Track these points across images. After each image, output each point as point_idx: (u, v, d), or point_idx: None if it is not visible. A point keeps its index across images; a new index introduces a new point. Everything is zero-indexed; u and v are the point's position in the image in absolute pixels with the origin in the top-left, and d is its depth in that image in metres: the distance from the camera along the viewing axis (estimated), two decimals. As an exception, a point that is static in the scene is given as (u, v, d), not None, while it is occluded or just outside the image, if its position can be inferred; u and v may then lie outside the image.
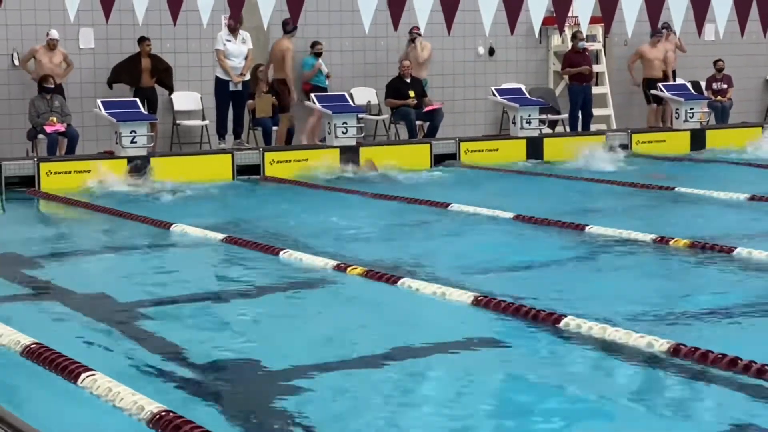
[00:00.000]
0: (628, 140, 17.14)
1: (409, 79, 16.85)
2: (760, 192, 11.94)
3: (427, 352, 6.22)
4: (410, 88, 16.84)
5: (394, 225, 10.84)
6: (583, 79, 17.89)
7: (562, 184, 13.94)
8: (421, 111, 16.82)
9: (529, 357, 6.22)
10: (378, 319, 7.12)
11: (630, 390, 5.66)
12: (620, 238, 9.49)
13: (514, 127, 16.87)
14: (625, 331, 6.26)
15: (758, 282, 7.87)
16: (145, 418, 4.87)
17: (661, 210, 11.55)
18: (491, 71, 18.42)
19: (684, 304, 7.25)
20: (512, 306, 6.90)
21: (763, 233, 9.66)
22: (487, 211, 11.13)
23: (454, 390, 5.61)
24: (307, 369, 5.85)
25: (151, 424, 4.82)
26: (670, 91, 18.01)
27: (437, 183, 14.60)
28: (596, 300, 7.38)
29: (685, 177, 13.80)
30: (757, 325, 6.78)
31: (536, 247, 9.26)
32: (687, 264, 8.63)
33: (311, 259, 8.72)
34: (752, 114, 20.22)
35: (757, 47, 19.30)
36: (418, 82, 16.97)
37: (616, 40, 18.83)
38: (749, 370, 5.53)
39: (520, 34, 17.18)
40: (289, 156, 15.30)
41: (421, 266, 8.53)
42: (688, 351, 5.85)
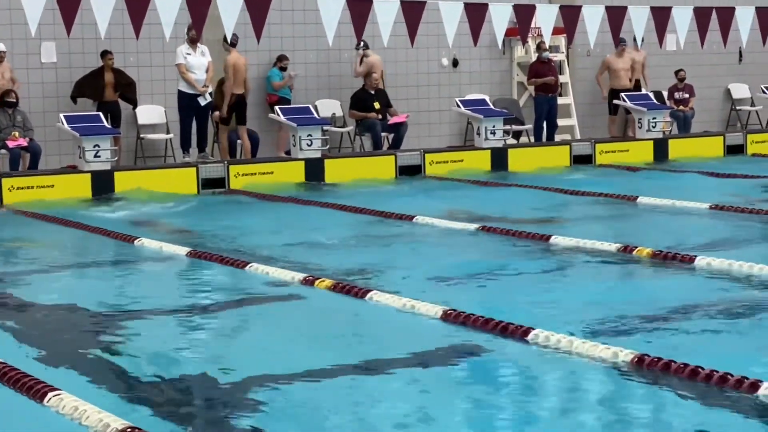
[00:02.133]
0: (592, 150, 17.26)
1: (374, 91, 16.92)
2: (721, 201, 12.06)
3: (396, 366, 6.24)
4: (375, 99, 16.90)
5: (360, 237, 10.86)
6: (549, 89, 18.02)
7: (527, 195, 14.01)
8: (386, 122, 16.88)
9: (498, 370, 6.25)
10: (346, 333, 7.13)
11: (596, 401, 5.71)
12: (584, 247, 9.57)
13: (478, 138, 16.96)
14: (592, 343, 6.31)
15: (719, 291, 7.95)
16: (112, 435, 4.89)
17: (624, 219, 11.64)
18: (455, 82, 18.51)
19: (647, 313, 7.30)
20: (481, 319, 6.94)
21: (723, 242, 9.75)
22: (453, 223, 11.19)
23: (423, 403, 5.64)
24: (274, 382, 5.86)
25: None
26: (633, 101, 18.16)
27: (402, 195, 14.64)
28: (562, 311, 7.44)
29: (648, 186, 13.90)
30: (719, 333, 6.85)
31: (502, 258, 9.30)
32: (650, 273, 8.71)
33: (278, 273, 8.74)
34: (714, 123, 20.41)
35: (718, 57, 19.51)
36: (383, 93, 17.04)
37: (579, 50, 18.97)
38: (711, 379, 5.59)
39: (484, 45, 17.30)
40: (254, 169, 15.31)
41: (389, 279, 8.56)
42: (652, 361, 5.92)
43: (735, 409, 5.31)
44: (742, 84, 20.72)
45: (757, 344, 6.63)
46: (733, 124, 20.49)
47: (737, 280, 8.19)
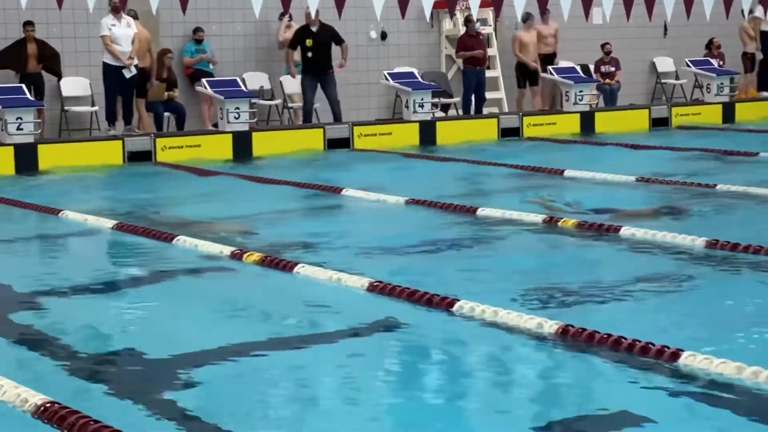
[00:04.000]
0: (519, 123, 17.36)
1: (316, 28, 16.61)
2: (646, 173, 12.21)
3: (323, 338, 6.25)
4: (312, 36, 16.66)
5: (288, 211, 10.83)
6: (477, 62, 18.07)
7: (455, 168, 14.07)
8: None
9: (424, 341, 6.29)
10: (274, 306, 7.11)
11: (521, 372, 5.76)
12: (511, 219, 9.63)
13: (407, 111, 16.97)
14: (517, 313, 6.37)
15: (644, 261, 8.05)
16: (30, 410, 4.83)
17: (551, 191, 11.72)
18: (383, 55, 18.49)
19: (573, 284, 7.37)
20: (407, 291, 6.97)
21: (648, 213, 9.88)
22: (381, 196, 11.20)
23: (350, 375, 5.66)
24: (200, 357, 5.84)
25: (36, 416, 4.79)
26: (560, 74, 18.29)
27: (331, 168, 14.63)
28: (488, 282, 7.50)
29: (574, 159, 14.02)
30: (643, 304, 6.95)
31: (429, 230, 9.34)
32: (575, 244, 8.79)
33: (206, 246, 8.69)
34: (639, 96, 20.63)
35: (643, 30, 19.70)
36: (324, 31, 16.74)
37: (507, 23, 19.05)
38: (633, 349, 5.68)
39: (412, 17, 17.30)
40: (181, 142, 15.20)
41: (316, 252, 8.56)
42: (576, 332, 5.99)
43: (656, 378, 5.38)
44: (666, 57, 20.95)
45: (679, 314, 6.73)
46: (658, 97, 20.72)
47: (661, 251, 8.30)
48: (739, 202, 10.50)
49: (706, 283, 7.48)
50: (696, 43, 20.48)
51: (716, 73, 19.35)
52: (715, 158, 14.07)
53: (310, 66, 16.56)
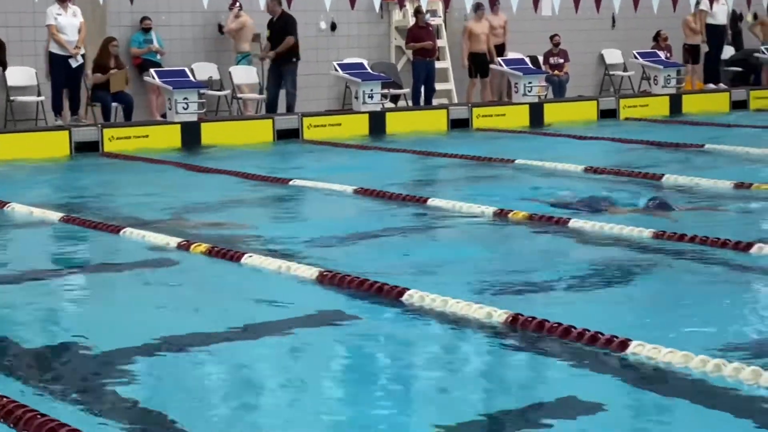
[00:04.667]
0: (469, 114, 17.39)
1: (274, 18, 16.65)
2: (595, 164, 12.27)
3: (272, 328, 6.21)
4: (270, 26, 16.67)
5: (237, 201, 10.77)
6: (427, 54, 18.07)
7: (404, 158, 14.07)
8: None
9: (373, 330, 6.27)
10: (222, 296, 7.08)
11: (471, 361, 5.77)
12: (461, 210, 9.64)
13: (356, 102, 16.95)
14: (466, 302, 6.37)
15: (593, 252, 8.09)
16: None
17: (501, 182, 11.75)
18: (333, 46, 18.44)
19: (523, 274, 7.39)
20: (356, 280, 6.95)
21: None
22: (330, 186, 11.17)
23: (299, 365, 5.63)
24: (146, 349, 5.78)
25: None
26: (509, 66, 18.34)
27: (280, 158, 14.59)
28: (438, 272, 7.49)
29: (524, 149, 14.06)
30: (592, 294, 6.98)
31: (378, 220, 9.32)
32: (525, 235, 8.81)
33: (153, 237, 8.62)
34: (588, 88, 20.74)
35: (592, 22, 19.80)
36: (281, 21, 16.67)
37: (456, 15, 19.05)
38: (582, 338, 5.69)
39: (361, 8, 17.28)
40: (129, 132, 15.07)
41: (264, 242, 8.51)
42: (525, 321, 6.00)
43: (605, 367, 5.41)
44: (615, 49, 21.07)
45: (627, 304, 6.77)
46: (607, 89, 20.84)
47: (610, 242, 8.33)
48: (686, 194, 10.58)
49: (654, 273, 7.53)
50: (644, 35, 20.62)
51: (663, 65, 19.50)
52: (662, 150, 14.17)
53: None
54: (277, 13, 16.69)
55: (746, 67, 21.36)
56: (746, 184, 10.59)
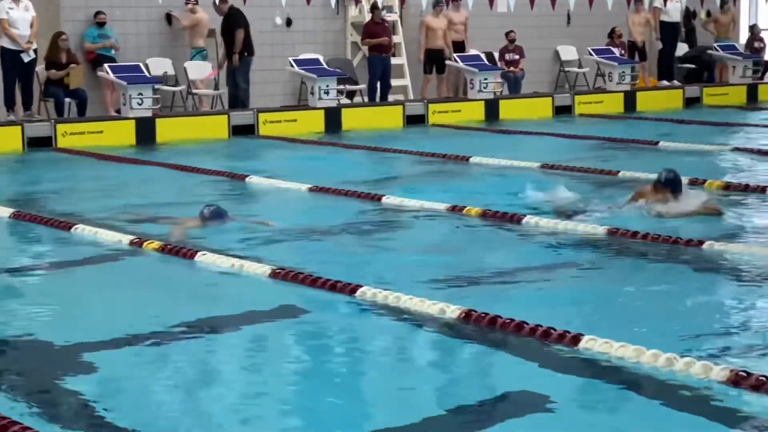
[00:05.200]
0: (425, 110, 17.41)
1: (223, 14, 16.76)
2: (550, 160, 12.32)
3: (225, 326, 6.20)
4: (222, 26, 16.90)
5: (191, 197, 10.71)
6: (383, 50, 18.07)
7: (360, 155, 14.07)
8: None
9: (327, 327, 6.27)
10: (175, 294, 7.06)
11: (424, 356, 5.79)
12: (416, 207, 9.65)
13: (312, 98, 16.93)
14: (419, 298, 6.38)
15: (547, 248, 8.12)
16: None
17: (456, 179, 11.78)
18: (289, 42, 18.39)
19: (477, 270, 7.41)
20: (310, 277, 6.94)
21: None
22: (285, 183, 11.15)
23: (252, 362, 5.62)
24: (99, 345, 5.75)
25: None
26: (465, 62, 18.38)
27: (235, 154, 14.55)
28: (392, 269, 7.48)
29: (479, 146, 14.09)
30: (545, 289, 7.02)
31: (333, 217, 9.30)
32: (479, 232, 8.83)
33: (106, 234, 8.56)
34: (543, 84, 20.81)
35: (547, 19, 19.87)
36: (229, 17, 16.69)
37: (413, 11, 19.06)
38: (535, 333, 5.72)
39: (317, 4, 17.25)
40: (83, 128, 14.97)
41: (218, 239, 8.47)
42: (478, 316, 6.01)
43: (558, 362, 5.43)
44: (570, 46, 21.16)
45: (581, 299, 6.80)
46: (562, 86, 20.93)
47: (563, 239, 8.37)
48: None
49: (607, 269, 7.59)
50: (598, 32, 20.72)
51: (618, 62, 19.61)
52: (617, 146, 14.25)
53: (226, 51, 16.82)
54: (224, 11, 16.70)
55: (700, 64, 21.54)
56: (699, 181, 10.67)
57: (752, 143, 14.30)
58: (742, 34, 22.70)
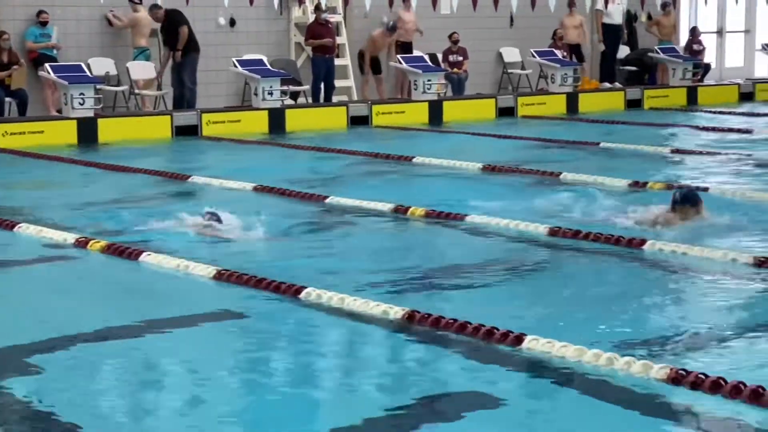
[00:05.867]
0: (369, 111, 17.44)
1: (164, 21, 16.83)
2: (493, 161, 12.40)
3: (170, 326, 6.18)
4: (161, 31, 16.99)
5: (134, 197, 10.67)
6: (326, 50, 18.07)
7: (304, 155, 14.07)
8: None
9: (271, 328, 6.28)
10: (121, 294, 7.03)
11: (368, 357, 5.81)
12: (360, 207, 9.67)
13: (256, 99, 16.90)
14: (363, 300, 6.40)
15: (490, 248, 8.19)
16: None
17: (399, 180, 11.81)
18: (232, 42, 18.33)
19: (420, 271, 7.45)
20: (254, 278, 6.94)
21: (493, 200, 10.01)
22: (228, 183, 11.13)
23: (195, 364, 5.61)
24: (41, 345, 5.72)
25: None
26: (409, 63, 18.43)
27: (178, 154, 14.48)
28: (336, 270, 7.51)
29: (423, 147, 14.15)
30: (489, 289, 7.07)
31: (277, 217, 9.30)
32: (423, 232, 8.88)
33: (50, 234, 8.51)
34: (486, 86, 20.92)
35: (490, 20, 19.96)
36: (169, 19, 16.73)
37: (356, 12, 19.08)
38: (478, 333, 5.77)
39: (261, 5, 17.21)
40: (24, 128, 14.85)
41: (162, 240, 8.44)
42: (422, 317, 6.05)
43: (501, 361, 5.48)
44: (513, 48, 21.28)
45: (523, 299, 6.87)
46: (505, 87, 21.04)
47: (506, 237, 8.44)
48: (581, 191, 10.73)
49: (549, 269, 7.66)
50: (541, 34, 20.87)
51: (560, 64, 19.77)
52: (559, 147, 14.37)
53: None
54: (161, 17, 16.69)
55: (641, 66, 21.75)
56: (641, 183, 10.79)
57: (692, 144, 14.48)
58: (682, 36, 22.95)
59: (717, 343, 5.82)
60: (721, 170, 12.12)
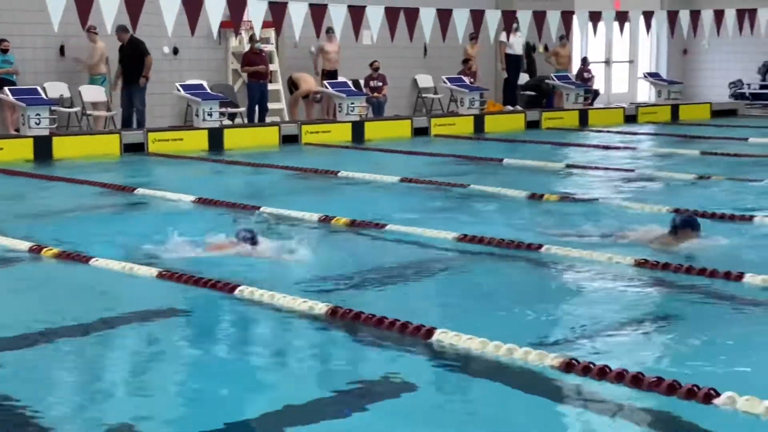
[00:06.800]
0: (298, 131, 17.39)
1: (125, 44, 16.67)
2: (410, 175, 12.43)
3: (117, 324, 6.10)
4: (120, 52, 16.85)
5: (86, 208, 10.51)
6: (260, 77, 18.03)
7: (241, 170, 13.98)
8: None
9: (210, 324, 6.22)
10: (71, 296, 6.90)
11: (296, 348, 5.78)
12: (290, 217, 9.63)
13: (197, 119, 16.78)
14: (291, 296, 6.37)
15: (406, 253, 8.18)
16: None
17: (326, 192, 11.78)
18: (176, 68, 18.18)
19: (344, 272, 7.43)
20: (193, 278, 6.88)
21: (411, 210, 10.04)
22: (170, 194, 11.02)
23: (142, 358, 5.54)
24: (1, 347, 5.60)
25: None
26: (334, 88, 18.43)
27: (126, 169, 14.31)
28: (268, 271, 7.46)
29: (347, 162, 14.14)
30: (404, 288, 7.08)
31: (215, 226, 9.21)
32: (347, 239, 8.85)
33: (4, 241, 8.34)
34: (403, 108, 20.99)
35: (407, 50, 20.03)
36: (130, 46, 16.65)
37: (287, 42, 19.03)
38: (393, 328, 5.76)
39: (201, 35, 17.06)
40: (-17, 146, 14.55)
41: (111, 246, 8.32)
42: (344, 312, 6.03)
43: (415, 353, 5.48)
44: (426, 75, 21.38)
45: (434, 297, 6.90)
46: (419, 110, 21.12)
47: (422, 245, 8.44)
48: (488, 201, 10.81)
49: (457, 270, 7.69)
50: (452, 62, 20.99)
51: (469, 89, 19.89)
52: (467, 163, 14.45)
53: (123, 77, 16.73)
54: (125, 40, 16.50)
55: (539, 91, 21.97)
56: (538, 195, 10.88)
57: (583, 160, 14.64)
58: (574, 66, 23.23)
59: (603, 334, 5.88)
60: (608, 184, 12.27)
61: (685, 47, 25.73)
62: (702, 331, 5.89)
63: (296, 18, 16.63)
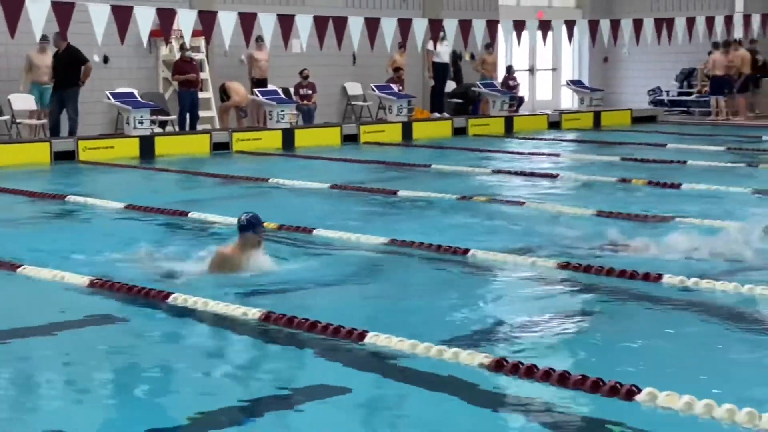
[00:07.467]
0: (229, 138, 17.28)
1: (61, 51, 16.41)
2: (339, 181, 12.42)
3: (46, 332, 6.00)
4: (55, 58, 16.55)
5: (14, 216, 10.32)
6: (191, 85, 17.89)
7: (172, 178, 13.85)
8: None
9: (142, 330, 6.14)
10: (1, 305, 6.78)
11: (230, 353, 5.75)
12: (222, 223, 9.56)
13: (128, 127, 16.59)
14: (225, 303, 6.33)
15: (335, 257, 8.19)
16: None
17: (258, 199, 11.72)
18: (106, 77, 17.96)
19: (275, 277, 7.38)
20: (126, 286, 6.79)
21: (337, 215, 10.03)
22: (102, 202, 10.88)
23: (71, 366, 5.46)
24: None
25: None
26: (265, 96, 18.37)
27: (56, 177, 14.10)
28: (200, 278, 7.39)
29: (278, 169, 14.09)
30: (335, 291, 7.08)
31: (146, 233, 9.13)
32: (278, 245, 8.82)
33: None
34: (333, 116, 20.97)
35: (336, 59, 20.03)
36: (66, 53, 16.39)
37: (217, 51, 18.91)
38: (326, 331, 5.75)
39: (131, 44, 16.87)
40: None
41: (41, 253, 8.18)
42: (277, 317, 6.01)
43: (347, 355, 5.48)
44: (355, 83, 21.38)
45: (365, 301, 6.91)
46: (349, 117, 21.12)
47: (349, 248, 8.44)
48: (417, 206, 10.84)
49: (387, 273, 7.70)
50: (380, 71, 21.02)
51: (397, 97, 19.95)
52: (396, 169, 14.48)
53: (55, 83, 16.42)
54: (62, 47, 16.26)
55: (465, 99, 22.10)
56: (468, 197, 10.95)
57: (509, 166, 14.77)
58: (500, 73, 23.42)
59: (530, 334, 5.94)
60: (533, 188, 12.39)
61: (606, 55, 26.09)
62: (623, 330, 5.98)
63: (226, 27, 16.55)
